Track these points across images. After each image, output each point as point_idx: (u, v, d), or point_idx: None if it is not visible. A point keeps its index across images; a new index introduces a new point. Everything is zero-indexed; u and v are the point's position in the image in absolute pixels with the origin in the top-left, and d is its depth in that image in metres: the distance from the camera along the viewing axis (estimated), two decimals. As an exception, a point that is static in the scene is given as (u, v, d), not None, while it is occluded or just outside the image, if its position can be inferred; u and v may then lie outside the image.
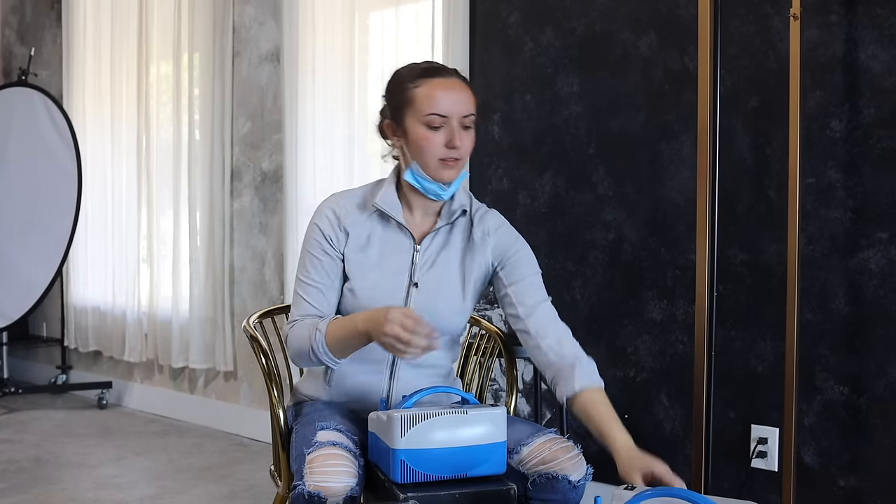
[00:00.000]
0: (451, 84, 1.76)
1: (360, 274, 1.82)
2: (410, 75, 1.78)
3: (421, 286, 1.84)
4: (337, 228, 1.82)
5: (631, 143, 2.85)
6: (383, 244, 1.85)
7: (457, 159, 1.76)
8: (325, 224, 1.82)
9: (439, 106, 1.73)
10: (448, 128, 1.74)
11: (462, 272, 1.87)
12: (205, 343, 4.12)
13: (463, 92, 1.77)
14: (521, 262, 1.91)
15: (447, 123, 1.73)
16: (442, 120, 1.73)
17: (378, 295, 1.80)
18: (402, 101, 1.76)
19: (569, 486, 1.68)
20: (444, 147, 1.74)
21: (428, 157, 1.75)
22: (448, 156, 1.74)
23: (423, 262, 1.85)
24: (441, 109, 1.73)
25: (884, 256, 2.37)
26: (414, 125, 1.75)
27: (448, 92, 1.74)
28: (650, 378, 2.81)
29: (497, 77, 3.16)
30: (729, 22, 2.58)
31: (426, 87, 1.74)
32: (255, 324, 2.08)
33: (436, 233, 1.86)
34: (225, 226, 4.06)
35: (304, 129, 3.64)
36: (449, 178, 1.77)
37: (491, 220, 1.92)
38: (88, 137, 4.65)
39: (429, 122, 1.73)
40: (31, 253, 4.54)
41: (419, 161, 1.76)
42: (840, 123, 2.43)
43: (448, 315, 1.84)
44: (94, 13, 4.65)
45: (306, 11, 3.63)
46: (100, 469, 3.45)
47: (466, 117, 1.76)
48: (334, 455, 1.62)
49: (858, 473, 2.42)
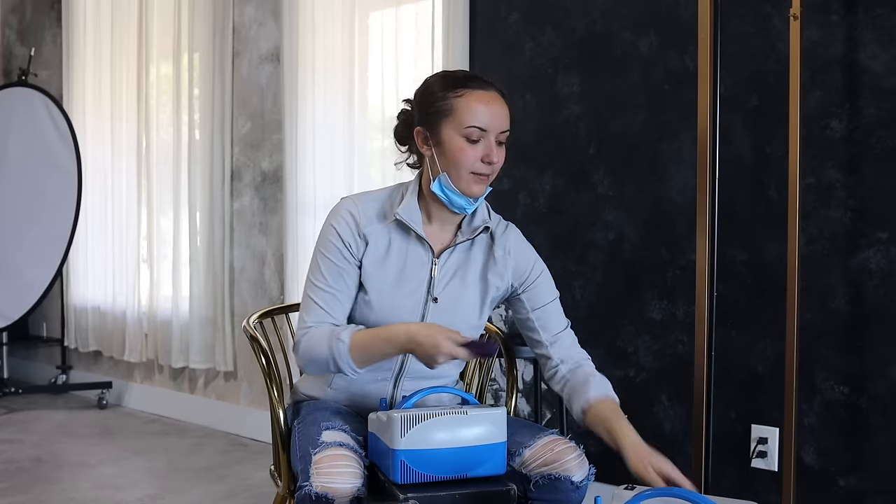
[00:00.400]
0: (493, 98, 1.73)
1: (378, 286, 1.78)
2: (450, 84, 1.74)
3: (440, 301, 1.81)
4: (356, 235, 1.78)
5: (631, 142, 2.85)
6: (402, 256, 1.80)
7: (488, 175, 1.74)
8: (344, 228, 1.78)
9: (481, 119, 1.70)
10: (486, 142, 1.71)
11: (481, 289, 1.85)
12: (205, 343, 4.12)
13: (503, 107, 1.74)
14: (544, 286, 1.92)
15: (485, 137, 1.71)
16: (481, 133, 1.70)
17: (396, 308, 1.78)
18: (441, 109, 1.72)
19: (571, 486, 1.68)
20: (480, 161, 1.71)
21: (462, 169, 1.71)
22: (482, 171, 1.72)
23: (441, 277, 1.82)
24: (482, 122, 1.70)
25: (884, 256, 2.37)
26: (451, 136, 1.71)
27: (490, 106, 1.72)
28: (650, 378, 2.81)
29: (497, 77, 3.13)
30: (729, 22, 2.58)
31: (468, 98, 1.71)
32: (255, 324, 2.08)
33: (455, 247, 1.84)
34: (225, 226, 4.06)
35: (304, 129, 3.65)
36: (478, 193, 1.75)
37: (512, 237, 1.90)
38: (88, 137, 4.65)
39: (468, 135, 1.70)
40: (31, 253, 4.54)
41: (450, 173, 1.73)
42: (840, 123, 2.43)
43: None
44: (94, 13, 4.65)
45: (306, 11, 3.63)
46: (100, 469, 3.45)
47: (503, 133, 1.74)
48: (341, 456, 1.61)
49: (858, 473, 2.42)
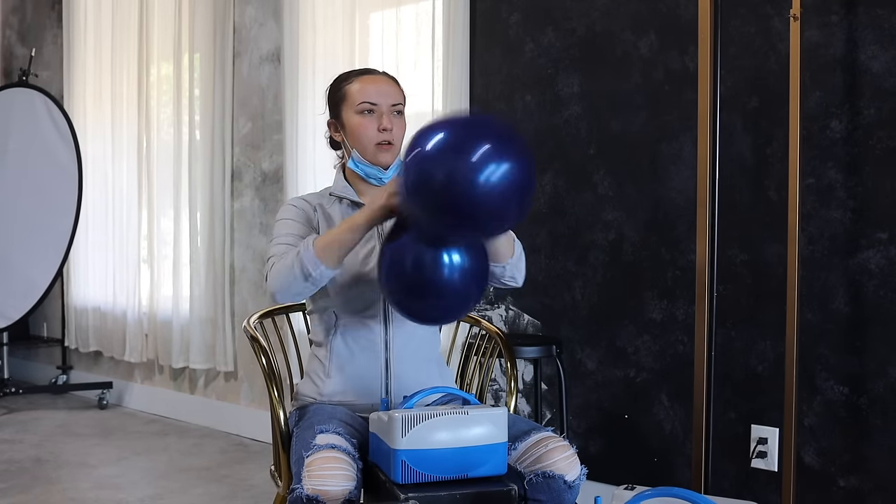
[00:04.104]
0: (379, 78, 1.99)
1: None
2: (344, 77, 2.02)
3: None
4: (309, 207, 1.99)
5: (631, 143, 2.85)
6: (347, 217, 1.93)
7: (390, 143, 1.94)
8: (300, 202, 2.01)
9: (369, 95, 1.94)
10: (378, 113, 1.94)
11: None
12: (205, 343, 4.12)
13: (390, 84, 1.99)
14: None
15: (377, 109, 1.94)
16: (372, 106, 1.93)
17: (354, 259, 1.90)
18: (338, 98, 1.98)
19: (564, 485, 1.70)
20: (378, 131, 1.92)
21: (365, 141, 1.94)
22: (381, 139, 1.93)
23: (388, 225, 1.88)
24: (371, 98, 1.94)
25: (884, 256, 2.37)
26: (350, 116, 1.95)
27: (376, 84, 1.97)
28: (650, 378, 2.81)
29: (497, 77, 3.16)
30: (729, 22, 2.58)
31: (357, 82, 1.97)
32: (255, 324, 2.09)
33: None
34: (225, 226, 4.06)
35: (304, 129, 3.65)
36: (385, 162, 1.95)
37: None
38: (89, 138, 4.65)
39: (361, 111, 1.94)
40: (31, 253, 4.54)
41: (357, 148, 1.95)
42: (840, 123, 2.43)
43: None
44: (94, 13, 4.66)
45: (307, 12, 3.63)
46: (100, 469, 3.45)
47: (395, 105, 1.96)
48: (332, 458, 1.63)
49: (858, 473, 2.43)
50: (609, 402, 2.89)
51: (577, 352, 2.96)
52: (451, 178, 1.50)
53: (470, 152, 1.50)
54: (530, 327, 3.08)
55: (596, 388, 2.92)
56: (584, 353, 2.95)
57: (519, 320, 3.10)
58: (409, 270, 1.66)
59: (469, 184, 1.49)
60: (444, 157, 1.53)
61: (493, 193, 1.50)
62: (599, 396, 2.92)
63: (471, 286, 1.70)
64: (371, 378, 1.92)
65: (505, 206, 1.53)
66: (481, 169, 1.48)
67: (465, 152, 1.51)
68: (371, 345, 1.93)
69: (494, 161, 1.49)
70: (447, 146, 1.54)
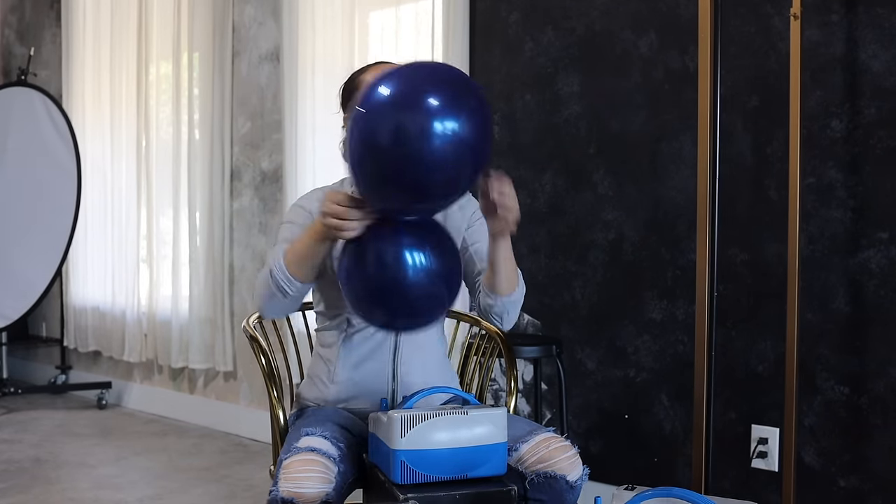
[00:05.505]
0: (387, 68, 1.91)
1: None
2: (359, 70, 1.99)
3: None
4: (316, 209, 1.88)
5: (631, 142, 2.85)
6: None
7: None
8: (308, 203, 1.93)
9: None
10: None
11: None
12: (204, 343, 4.12)
13: None
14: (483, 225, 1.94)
15: None
16: None
17: None
18: (353, 87, 1.92)
19: (566, 485, 1.69)
20: None
21: None
22: None
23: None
24: None
25: (884, 256, 2.37)
26: None
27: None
28: (650, 378, 2.81)
29: (497, 77, 3.16)
30: (729, 22, 2.58)
31: (365, 75, 1.92)
32: (254, 324, 2.08)
33: None
34: (225, 226, 4.06)
35: (303, 128, 3.64)
36: None
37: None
38: (88, 137, 4.65)
39: None
40: (30, 253, 4.54)
41: None
42: (840, 123, 2.43)
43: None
44: (93, 13, 4.65)
45: (306, 11, 3.63)
46: (99, 469, 3.45)
47: None
48: (309, 461, 1.62)
49: (858, 473, 2.42)
50: (609, 402, 2.89)
51: (577, 352, 2.96)
52: (395, 140, 1.40)
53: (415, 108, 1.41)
54: (530, 327, 3.08)
55: (596, 388, 2.92)
56: (584, 352, 2.95)
57: (519, 320, 3.10)
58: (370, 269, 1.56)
59: (413, 145, 1.39)
60: (381, 119, 1.42)
61: (441, 154, 1.39)
62: (599, 396, 2.91)
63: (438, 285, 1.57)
64: (378, 384, 1.90)
65: (456, 172, 1.43)
66: (427, 128, 1.38)
67: (409, 109, 1.41)
68: (380, 351, 1.91)
69: (441, 118, 1.39)
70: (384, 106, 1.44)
